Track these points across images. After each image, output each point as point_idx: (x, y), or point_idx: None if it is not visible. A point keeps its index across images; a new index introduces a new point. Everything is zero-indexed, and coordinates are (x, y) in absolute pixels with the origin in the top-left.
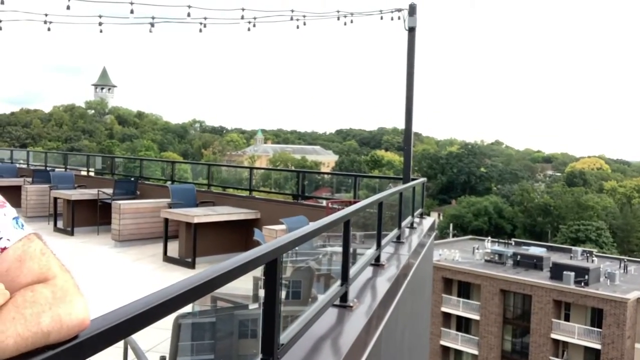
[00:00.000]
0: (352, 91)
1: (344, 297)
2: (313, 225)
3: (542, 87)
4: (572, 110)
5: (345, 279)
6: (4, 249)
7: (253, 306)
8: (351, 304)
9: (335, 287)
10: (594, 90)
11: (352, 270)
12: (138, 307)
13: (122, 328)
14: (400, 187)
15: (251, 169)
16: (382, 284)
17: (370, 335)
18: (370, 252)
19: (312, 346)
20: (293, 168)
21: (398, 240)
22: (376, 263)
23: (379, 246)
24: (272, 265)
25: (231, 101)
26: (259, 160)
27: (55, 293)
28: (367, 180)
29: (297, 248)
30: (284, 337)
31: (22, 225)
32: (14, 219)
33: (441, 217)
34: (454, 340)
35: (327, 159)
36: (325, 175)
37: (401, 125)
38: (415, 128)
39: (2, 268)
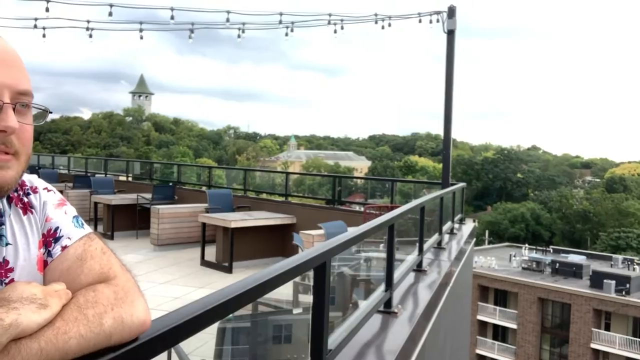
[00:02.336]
0: (385, 96)
1: (388, 303)
2: (359, 229)
3: (581, 91)
4: (612, 114)
5: (389, 284)
6: (65, 247)
7: (297, 311)
8: (395, 310)
9: (380, 292)
10: (634, 93)
11: (396, 276)
12: (195, 310)
13: (180, 330)
14: (441, 191)
15: (287, 173)
16: (425, 291)
17: (415, 343)
18: (412, 258)
19: (358, 352)
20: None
21: (439, 246)
22: (418, 269)
23: (420, 252)
24: (321, 269)
25: (265, 107)
26: (292, 166)
27: (117, 293)
28: (400, 186)
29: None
30: (331, 342)
31: (82, 224)
32: (74, 217)
33: (476, 224)
34: (490, 349)
35: (360, 165)
36: (358, 181)
37: (435, 131)
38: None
39: (63, 267)
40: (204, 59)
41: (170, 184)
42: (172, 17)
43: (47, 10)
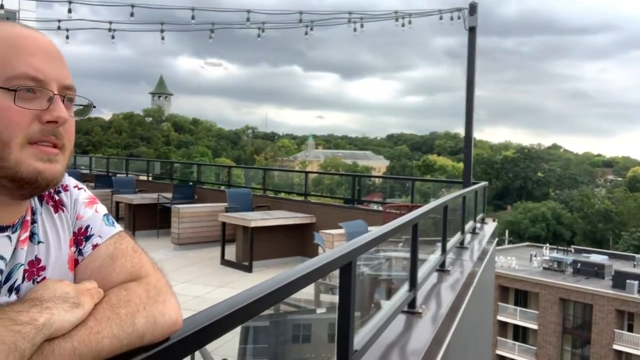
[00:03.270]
0: (403, 95)
1: (412, 304)
2: (384, 228)
3: (602, 88)
4: (634, 112)
5: (413, 284)
6: (96, 245)
7: (320, 310)
8: (420, 311)
9: (403, 292)
10: None
11: (419, 276)
12: (226, 309)
13: (211, 330)
14: (463, 190)
15: (306, 173)
16: (449, 291)
17: (440, 344)
18: (435, 258)
19: (383, 353)
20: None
21: (461, 246)
22: (441, 269)
23: (444, 251)
24: (347, 268)
25: (283, 107)
26: (310, 166)
27: (149, 292)
28: (419, 185)
29: None
30: (356, 343)
31: (113, 223)
32: (104, 215)
33: (496, 223)
34: (511, 349)
35: (378, 164)
36: (376, 181)
37: (453, 130)
38: None
39: (95, 265)
40: (221, 60)
41: (190, 183)
42: (192, 17)
43: (69, 11)
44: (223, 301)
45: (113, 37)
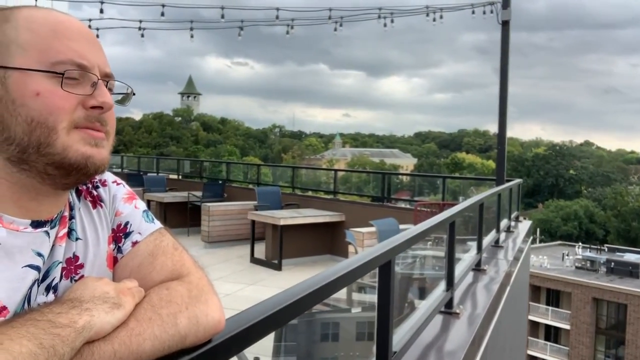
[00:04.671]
0: (430, 92)
1: (449, 304)
2: (422, 226)
3: (634, 84)
4: None
5: (450, 284)
6: (136, 243)
7: (355, 310)
8: (457, 311)
9: (440, 292)
10: None
11: (456, 275)
12: (266, 310)
13: (254, 330)
14: (498, 188)
15: (335, 171)
16: (485, 291)
17: (479, 346)
18: (470, 256)
19: (421, 354)
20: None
21: (496, 245)
22: (477, 268)
23: (479, 250)
24: (386, 268)
25: (310, 105)
26: (337, 164)
27: (191, 291)
28: (448, 183)
29: None
30: (395, 344)
31: (153, 219)
32: (144, 212)
33: (531, 222)
34: (542, 349)
35: (406, 162)
36: (404, 179)
37: (482, 127)
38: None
39: (134, 263)
40: (247, 59)
41: (220, 181)
42: (222, 16)
43: (101, 11)
44: (264, 301)
45: (143, 36)
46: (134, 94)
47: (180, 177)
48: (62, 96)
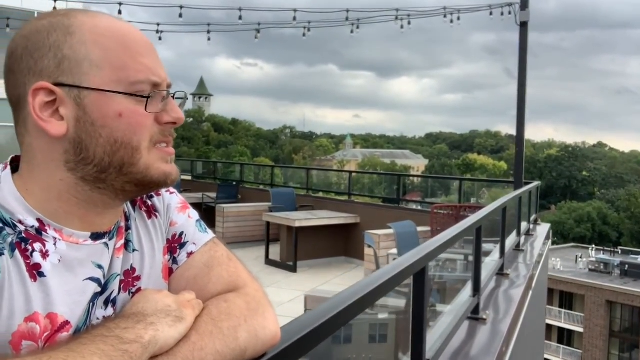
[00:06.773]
0: (441, 93)
1: (475, 309)
2: (453, 231)
3: None
4: None
5: (477, 289)
6: (191, 253)
7: (382, 315)
8: (484, 317)
9: (467, 298)
10: None
11: (482, 280)
12: (313, 321)
13: (305, 342)
14: (519, 191)
15: (350, 172)
16: (510, 296)
17: (507, 351)
18: (493, 261)
19: None
20: (390, 172)
21: (517, 248)
22: (500, 272)
23: (502, 254)
24: (420, 275)
25: (320, 106)
26: (348, 165)
27: (249, 304)
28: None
29: None
30: (427, 351)
31: (206, 229)
32: (197, 221)
33: (549, 224)
34: (555, 352)
35: (417, 163)
36: (415, 180)
37: (494, 128)
38: (512, 130)
39: (190, 275)
40: (257, 60)
41: (234, 183)
42: (240, 17)
43: (119, 13)
44: (311, 311)
45: (160, 39)
46: (186, 98)
47: (192, 178)
48: (144, 116)
